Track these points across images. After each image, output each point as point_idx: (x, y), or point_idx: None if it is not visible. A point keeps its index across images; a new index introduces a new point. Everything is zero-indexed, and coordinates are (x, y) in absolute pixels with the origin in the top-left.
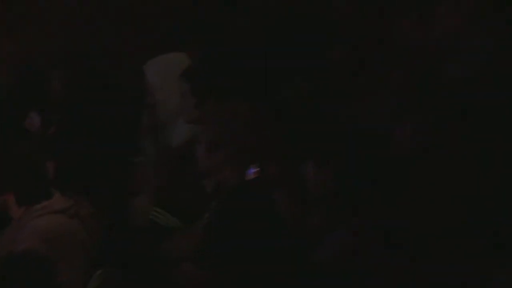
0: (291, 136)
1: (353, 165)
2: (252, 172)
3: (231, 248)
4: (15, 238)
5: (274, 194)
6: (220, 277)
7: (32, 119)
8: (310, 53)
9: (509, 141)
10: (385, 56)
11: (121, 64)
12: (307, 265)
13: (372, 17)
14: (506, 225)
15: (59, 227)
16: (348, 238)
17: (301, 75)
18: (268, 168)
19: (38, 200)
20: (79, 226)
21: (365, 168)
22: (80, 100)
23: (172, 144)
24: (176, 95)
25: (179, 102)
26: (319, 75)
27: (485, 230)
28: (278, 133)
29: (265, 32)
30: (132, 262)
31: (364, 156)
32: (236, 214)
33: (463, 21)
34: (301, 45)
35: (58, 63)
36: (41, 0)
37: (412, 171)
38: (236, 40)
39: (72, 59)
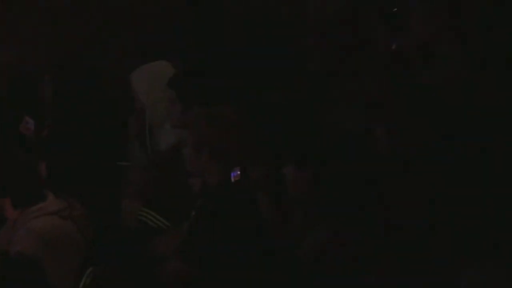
0: (273, 141)
1: (332, 167)
2: (235, 174)
3: (215, 245)
4: (11, 239)
5: (257, 195)
6: (204, 273)
7: (27, 123)
8: (291, 61)
9: (477, 144)
10: (362, 62)
11: (110, 72)
12: (288, 263)
13: (350, 25)
14: (475, 224)
15: (53, 228)
16: (327, 237)
17: (282, 82)
18: (251, 170)
19: (33, 202)
20: (72, 227)
21: (343, 170)
22: (71, 105)
23: (160, 148)
24: (162, 102)
25: (166, 108)
26: (299, 82)
27: (455, 231)
28: (260, 138)
29: (247, 41)
30: (122, 260)
31: (341, 159)
32: (220, 213)
33: (436, 30)
34: (281, 54)
35: (49, 70)
36: (32, 12)
37: (387, 172)
38: (220, 49)
39: (63, 67)
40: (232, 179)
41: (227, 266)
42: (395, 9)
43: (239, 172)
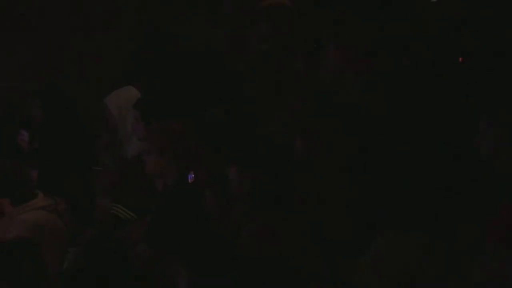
0: (218, 147)
1: (267, 170)
2: (191, 177)
3: (172, 233)
4: (7, 229)
5: (204, 192)
6: (166, 255)
7: (23, 136)
8: (229, 84)
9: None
10: (287, 87)
11: (87, 96)
12: (229, 250)
13: (279, 57)
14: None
15: (41, 219)
16: (262, 229)
17: (223, 101)
18: (199, 172)
19: (26, 199)
20: (57, 218)
21: (276, 172)
22: (57, 123)
23: (127, 156)
24: (129, 120)
25: (131, 125)
26: (238, 101)
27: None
28: (206, 145)
29: (195, 69)
30: (97, 245)
31: (275, 163)
32: (175, 208)
33: (345, 61)
34: (222, 79)
35: (38, 95)
36: (24, 46)
37: (304, 174)
38: (172, 78)
39: (49, 92)
40: (189, 181)
41: (181, 248)
42: (315, 45)
43: (193, 175)
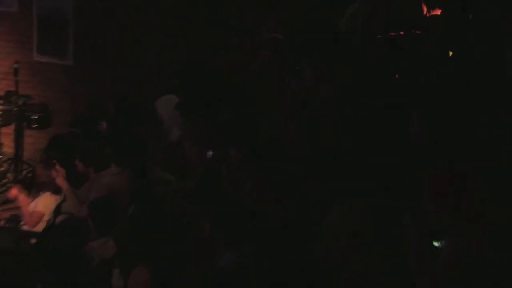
0: (225, 136)
1: (255, 149)
2: (210, 154)
3: (208, 191)
4: (90, 190)
5: (221, 165)
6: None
7: (103, 125)
8: (238, 94)
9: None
10: (281, 96)
11: (144, 101)
12: (238, 203)
13: (273, 76)
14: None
15: (115, 183)
16: (257, 186)
17: (231, 105)
18: (215, 152)
19: (104, 168)
20: (125, 182)
21: (261, 152)
22: (124, 117)
23: (171, 140)
24: (172, 117)
25: (174, 120)
26: (244, 104)
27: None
28: (219, 135)
29: (215, 86)
30: (149, 200)
31: (261, 146)
32: (208, 175)
33: (316, 81)
34: (233, 90)
35: (113, 97)
36: (102, 60)
37: (290, 155)
38: (200, 90)
39: (119, 96)
40: (208, 156)
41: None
42: (297, 67)
43: (211, 152)
